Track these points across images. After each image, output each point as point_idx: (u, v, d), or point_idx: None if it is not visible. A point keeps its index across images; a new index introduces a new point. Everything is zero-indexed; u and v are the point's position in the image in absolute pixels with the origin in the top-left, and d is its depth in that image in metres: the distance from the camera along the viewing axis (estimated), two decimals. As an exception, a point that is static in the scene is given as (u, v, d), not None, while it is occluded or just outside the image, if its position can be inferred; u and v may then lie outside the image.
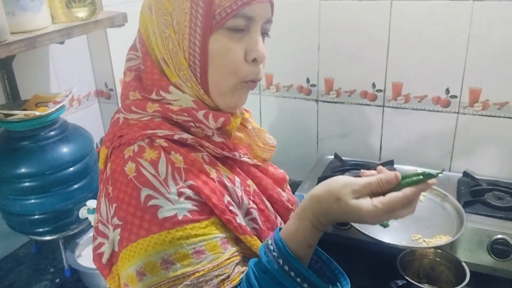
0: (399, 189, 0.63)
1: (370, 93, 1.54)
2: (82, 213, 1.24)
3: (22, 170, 1.15)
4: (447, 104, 1.45)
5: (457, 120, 1.46)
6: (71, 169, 1.21)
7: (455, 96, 1.44)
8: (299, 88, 1.64)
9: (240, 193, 0.69)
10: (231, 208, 0.66)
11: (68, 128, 1.25)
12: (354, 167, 1.45)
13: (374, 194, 0.63)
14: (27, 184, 1.16)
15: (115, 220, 0.64)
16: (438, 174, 0.64)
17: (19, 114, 1.13)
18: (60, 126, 1.22)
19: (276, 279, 0.61)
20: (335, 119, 1.63)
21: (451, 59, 1.40)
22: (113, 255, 0.67)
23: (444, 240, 1.08)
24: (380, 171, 0.66)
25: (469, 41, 1.36)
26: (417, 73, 1.46)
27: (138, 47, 0.74)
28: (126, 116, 0.71)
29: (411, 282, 1.07)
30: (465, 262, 1.08)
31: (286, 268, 0.61)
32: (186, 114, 0.68)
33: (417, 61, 1.44)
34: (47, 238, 1.26)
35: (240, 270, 0.65)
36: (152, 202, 0.62)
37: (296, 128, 1.70)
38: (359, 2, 1.44)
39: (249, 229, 0.68)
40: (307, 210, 0.64)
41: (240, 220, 0.67)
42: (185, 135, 0.67)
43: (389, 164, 1.48)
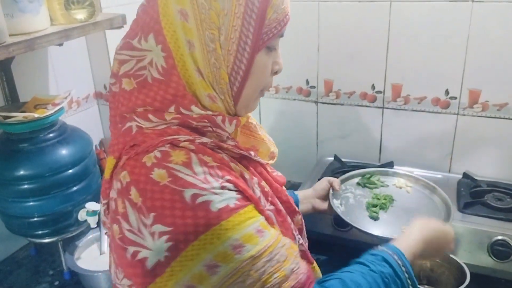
0: None
1: (370, 95, 1.54)
2: (81, 215, 1.24)
3: (21, 173, 1.15)
4: (447, 106, 1.45)
5: (457, 122, 1.46)
6: (70, 171, 1.21)
7: (455, 98, 1.43)
8: (299, 90, 1.64)
9: (259, 194, 0.73)
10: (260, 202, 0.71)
11: (67, 130, 1.25)
12: (354, 169, 1.45)
13: None
14: (26, 187, 1.16)
15: (158, 228, 0.62)
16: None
17: (18, 116, 1.13)
18: (59, 128, 1.22)
19: (394, 269, 0.76)
20: (335, 121, 1.63)
21: (451, 61, 1.40)
22: (158, 266, 0.63)
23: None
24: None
25: (469, 42, 1.36)
26: (417, 75, 1.46)
27: (152, 48, 0.68)
28: (141, 125, 0.69)
29: (411, 284, 1.07)
30: (465, 264, 1.08)
31: (400, 263, 0.77)
32: (207, 120, 0.69)
33: (417, 63, 1.44)
34: (46, 241, 1.26)
35: (288, 239, 0.72)
36: (201, 199, 0.62)
37: (296, 130, 1.70)
38: (359, 4, 1.44)
39: None
40: (426, 241, 0.86)
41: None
42: (205, 139, 0.68)
43: (389, 166, 1.48)
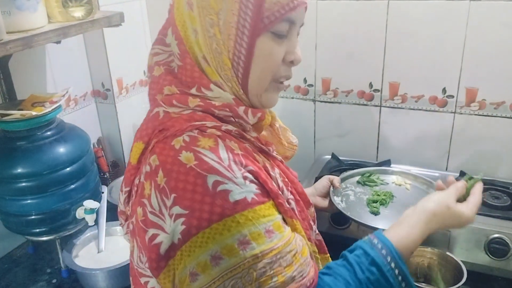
0: (468, 193, 0.87)
1: (367, 93, 1.54)
2: (79, 214, 1.24)
3: (19, 170, 1.14)
4: (444, 104, 1.46)
5: (454, 120, 1.46)
6: (68, 169, 1.20)
7: (452, 96, 1.44)
8: (296, 88, 1.64)
9: (281, 184, 0.73)
10: (281, 194, 0.71)
11: (65, 128, 1.25)
12: (352, 167, 1.45)
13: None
14: (24, 184, 1.16)
15: (176, 210, 0.63)
16: (482, 177, 0.90)
17: (16, 114, 1.13)
18: (57, 126, 1.22)
19: (383, 273, 0.71)
20: (332, 119, 1.63)
21: (448, 59, 1.40)
22: (171, 248, 0.64)
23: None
24: (452, 181, 0.89)
25: (466, 41, 1.36)
26: (414, 73, 1.46)
27: (171, 42, 0.72)
28: (167, 110, 0.71)
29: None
30: (462, 262, 1.08)
31: (393, 266, 0.72)
32: (228, 110, 0.70)
33: (414, 61, 1.45)
34: (44, 239, 1.26)
35: (303, 243, 0.71)
36: (222, 187, 0.63)
37: (294, 128, 1.68)
38: (356, 2, 1.45)
39: None
40: (421, 222, 0.79)
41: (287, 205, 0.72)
42: (230, 127, 0.69)
43: (386, 164, 1.48)
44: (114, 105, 1.63)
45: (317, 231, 0.84)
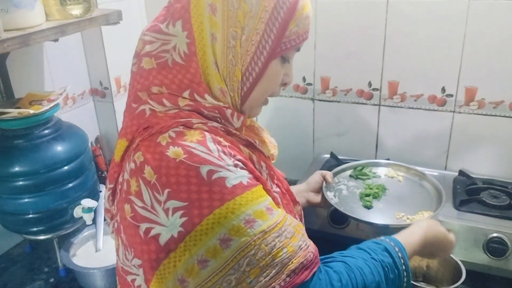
0: None
1: (366, 92, 1.54)
2: (77, 212, 1.24)
3: (16, 169, 1.14)
4: (443, 103, 1.46)
5: (453, 119, 1.46)
6: (66, 168, 1.20)
7: (451, 95, 1.44)
8: (295, 87, 1.63)
9: (266, 176, 0.76)
10: (267, 183, 0.74)
11: (63, 127, 1.24)
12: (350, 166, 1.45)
13: None
14: (21, 183, 1.15)
15: (172, 204, 0.64)
16: None
17: (13, 112, 1.12)
18: (54, 125, 1.22)
19: (394, 260, 0.79)
20: (331, 118, 1.63)
21: (447, 58, 1.40)
22: (171, 241, 0.65)
23: (427, 216, 1.11)
24: None
25: (465, 40, 1.36)
26: (413, 72, 1.46)
27: (178, 36, 0.71)
28: (154, 108, 0.71)
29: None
30: (461, 261, 1.08)
31: (400, 255, 0.80)
32: (217, 111, 0.72)
33: (413, 60, 1.44)
34: (42, 238, 1.25)
35: (294, 219, 0.74)
36: (216, 175, 0.65)
37: (292, 127, 1.70)
38: (356, 1, 1.44)
39: None
40: (421, 229, 0.90)
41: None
42: (215, 124, 0.72)
43: (385, 163, 1.48)
44: (112, 104, 1.63)
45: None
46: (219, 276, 0.65)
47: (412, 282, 1.05)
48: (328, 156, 1.61)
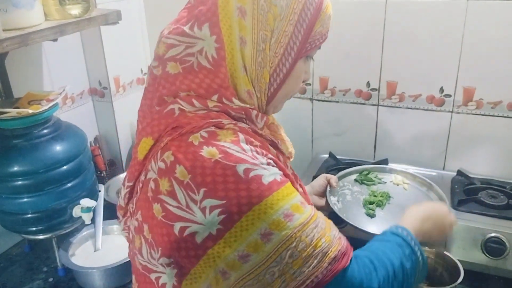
0: None
1: (365, 92, 1.54)
2: (76, 212, 1.24)
3: (15, 169, 1.14)
4: (441, 103, 1.46)
5: (451, 119, 1.47)
6: (65, 168, 1.20)
7: (449, 95, 1.44)
8: (294, 87, 1.63)
9: (291, 176, 0.77)
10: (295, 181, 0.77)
11: (62, 127, 1.24)
12: (349, 166, 1.45)
13: None
14: (20, 183, 1.15)
15: (209, 202, 0.65)
16: None
17: (12, 112, 1.12)
18: (54, 124, 1.22)
19: (414, 251, 0.81)
20: (330, 118, 1.63)
21: (446, 58, 1.40)
22: (209, 239, 0.66)
23: None
24: None
25: (464, 40, 1.36)
26: (412, 72, 1.46)
27: (206, 40, 0.70)
28: (183, 108, 0.71)
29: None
30: (459, 261, 1.08)
31: (413, 243, 0.82)
32: (243, 113, 0.73)
33: (412, 60, 1.45)
34: (40, 237, 1.25)
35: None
36: (253, 173, 0.66)
37: (291, 127, 1.68)
38: (354, 1, 1.44)
39: None
40: (420, 211, 0.93)
41: None
42: (244, 125, 0.73)
43: (383, 163, 1.48)
44: (111, 104, 1.63)
45: None
46: (262, 269, 0.67)
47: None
48: (327, 156, 1.62)
